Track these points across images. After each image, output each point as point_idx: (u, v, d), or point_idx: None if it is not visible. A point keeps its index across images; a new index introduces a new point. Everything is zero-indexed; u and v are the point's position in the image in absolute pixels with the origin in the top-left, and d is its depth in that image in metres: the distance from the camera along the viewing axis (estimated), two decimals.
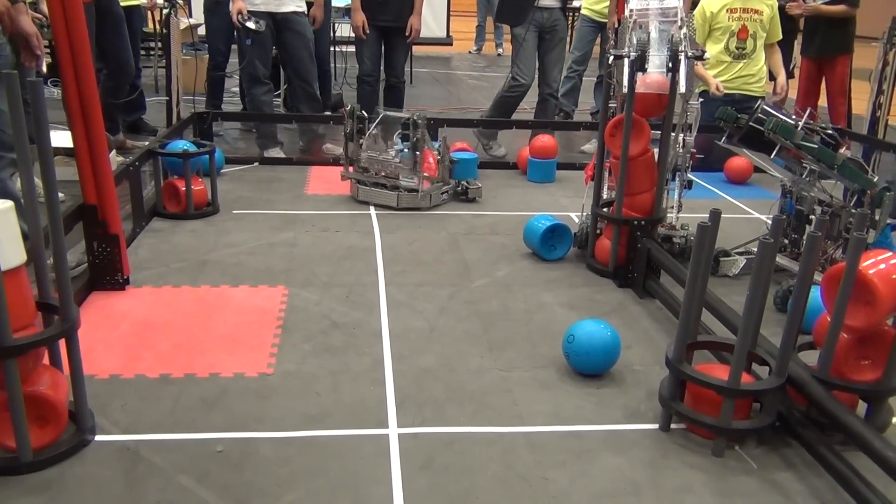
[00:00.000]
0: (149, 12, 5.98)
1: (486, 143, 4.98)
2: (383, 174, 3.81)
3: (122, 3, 4.58)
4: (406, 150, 3.71)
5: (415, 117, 3.63)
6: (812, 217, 2.92)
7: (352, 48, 5.15)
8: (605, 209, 3.09)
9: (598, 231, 3.14)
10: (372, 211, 3.72)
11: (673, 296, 2.69)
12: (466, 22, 12.38)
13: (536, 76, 4.90)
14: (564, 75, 5.79)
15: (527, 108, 5.99)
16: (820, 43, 5.32)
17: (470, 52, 11.87)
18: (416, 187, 3.70)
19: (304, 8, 4.58)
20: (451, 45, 10.93)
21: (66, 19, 2.44)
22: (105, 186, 2.64)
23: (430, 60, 10.58)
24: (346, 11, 6.30)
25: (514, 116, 5.00)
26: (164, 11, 4.20)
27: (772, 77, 4.81)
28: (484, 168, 4.52)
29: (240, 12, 4.30)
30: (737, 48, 4.65)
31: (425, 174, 3.73)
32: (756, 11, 4.57)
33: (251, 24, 4.31)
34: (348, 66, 7.23)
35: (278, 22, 4.45)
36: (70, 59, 2.49)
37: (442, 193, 3.81)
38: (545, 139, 4.52)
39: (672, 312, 2.65)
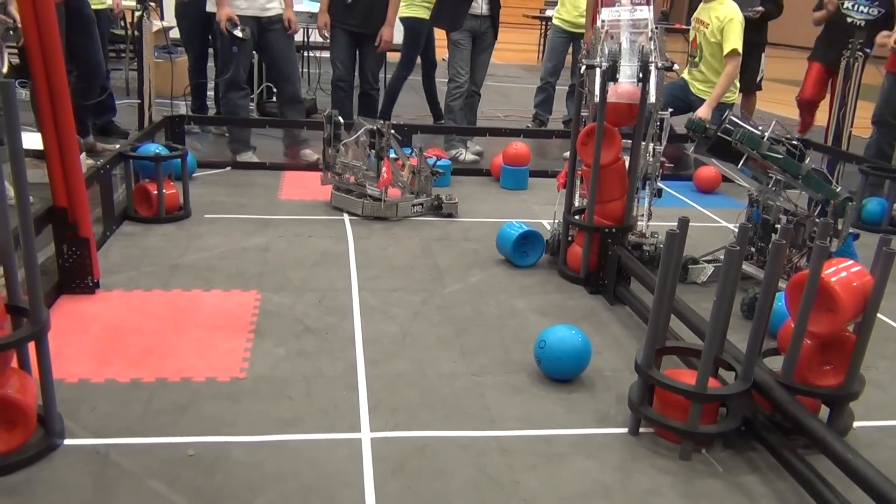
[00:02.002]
0: (120, 15, 5.92)
1: (456, 151, 5.03)
2: (353, 181, 3.82)
3: (92, 5, 4.54)
4: (373, 159, 3.72)
5: (378, 126, 3.64)
6: (777, 226, 2.98)
7: (325, 53, 5.18)
8: (576, 216, 3.12)
9: (569, 238, 3.18)
10: (345, 217, 3.73)
11: (643, 302, 2.73)
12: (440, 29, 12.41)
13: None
14: (538, 86, 5.87)
15: (500, 116, 6.06)
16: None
17: (443, 59, 11.90)
18: (381, 197, 3.70)
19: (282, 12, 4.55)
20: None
21: (37, 20, 2.42)
22: (75, 189, 2.61)
23: None
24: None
25: (489, 124, 5.07)
26: (136, 14, 4.17)
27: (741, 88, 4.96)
28: (457, 175, 4.55)
29: (229, 19, 4.26)
30: (689, 55, 4.98)
31: (399, 184, 3.74)
32: (702, 23, 4.74)
33: (238, 33, 4.28)
34: (322, 72, 7.23)
35: (262, 25, 4.43)
36: (41, 61, 2.46)
37: (413, 206, 3.79)
38: (518, 146, 4.56)
39: (642, 319, 2.70)
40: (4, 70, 3.22)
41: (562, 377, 2.26)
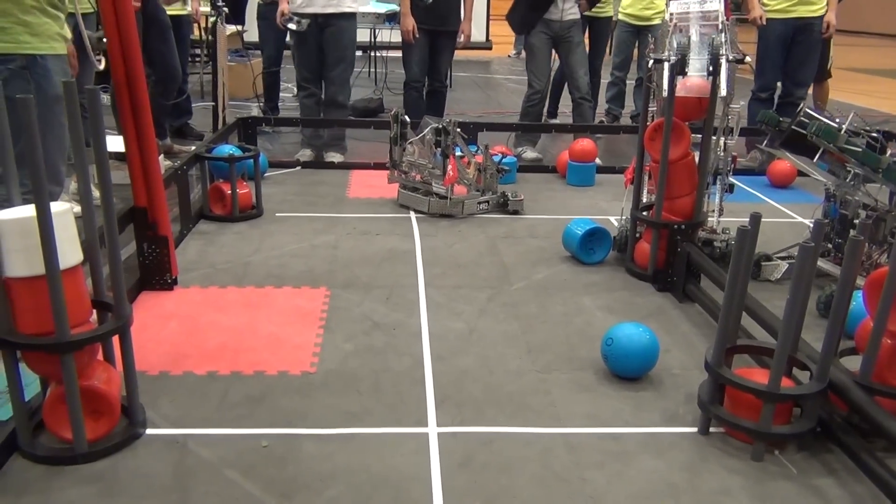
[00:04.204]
0: (199, 21, 6.14)
1: (521, 149, 5.01)
2: (419, 179, 3.85)
3: (169, 12, 4.70)
4: (439, 157, 3.75)
5: (444, 124, 3.67)
6: (856, 221, 2.88)
7: (390, 52, 5.23)
8: (644, 213, 3.08)
9: (637, 235, 3.14)
10: (412, 214, 3.77)
11: (713, 300, 2.68)
12: (505, 25, 12.40)
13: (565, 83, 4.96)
14: (609, 81, 5.81)
15: (566, 112, 6.01)
16: None
17: (509, 56, 11.89)
18: (446, 194, 3.72)
19: (349, 8, 4.52)
20: (490, 49, 10.95)
21: (118, 29, 2.53)
22: (155, 190, 2.72)
23: (469, 64, 10.63)
24: (388, 17, 6.37)
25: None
26: (211, 20, 4.30)
27: None
28: (523, 172, 4.55)
29: (282, 14, 4.38)
30: None
31: (465, 181, 3.76)
32: None
33: (292, 25, 4.38)
34: (388, 71, 7.32)
35: (320, 23, 4.50)
36: (122, 67, 2.57)
37: (479, 203, 3.81)
38: (584, 143, 4.52)
39: (712, 317, 2.65)
40: (101, 67, 3.34)
41: (629, 375, 2.24)
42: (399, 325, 2.56)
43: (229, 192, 3.56)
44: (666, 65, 2.85)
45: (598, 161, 4.59)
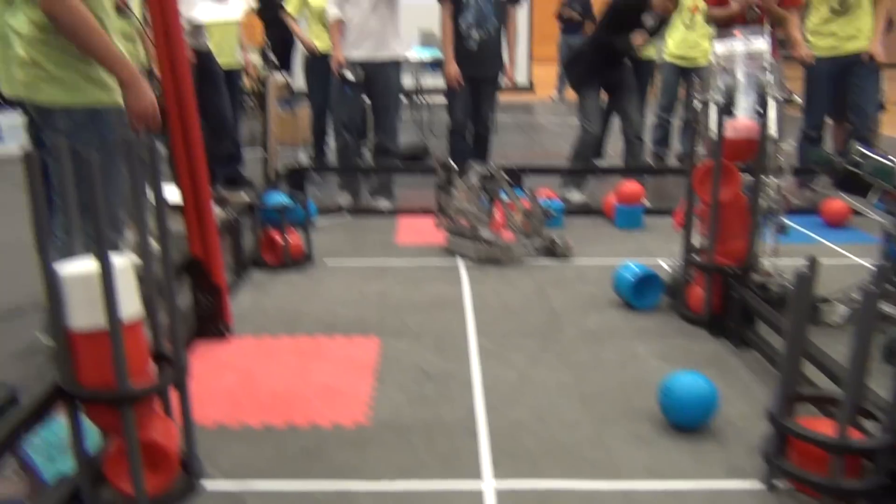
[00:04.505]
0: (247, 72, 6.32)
1: (566, 190, 5.00)
2: (467, 225, 3.87)
3: (222, 65, 4.85)
4: (485, 202, 3.76)
5: (490, 170, 3.69)
6: None
7: (434, 98, 5.31)
8: (696, 256, 3.04)
9: (689, 279, 3.09)
10: (460, 260, 3.78)
11: (771, 346, 2.61)
12: (547, 68, 12.49)
13: (619, 122, 4.93)
14: (654, 122, 5.80)
15: (611, 154, 6.00)
16: None
17: (551, 99, 11.96)
18: (494, 240, 3.73)
19: (400, 56, 4.65)
20: (532, 92, 11.06)
21: (175, 82, 2.62)
22: (210, 240, 2.78)
23: (512, 108, 10.70)
24: (432, 63, 6.48)
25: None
26: (262, 73, 4.43)
27: None
28: (570, 216, 4.53)
29: (339, 63, 4.49)
30: (838, 4, 4.62)
31: (512, 227, 3.77)
32: None
33: (348, 75, 4.49)
34: (432, 116, 7.43)
35: (369, 71, 4.60)
36: (178, 119, 2.66)
37: (527, 248, 3.80)
38: (631, 185, 4.50)
39: (771, 363, 2.58)
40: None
41: (688, 426, 2.19)
42: (450, 375, 2.55)
43: (280, 240, 3.61)
44: (713, 106, 2.83)
45: (645, 203, 4.56)
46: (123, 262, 1.78)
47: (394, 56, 4.60)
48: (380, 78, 4.60)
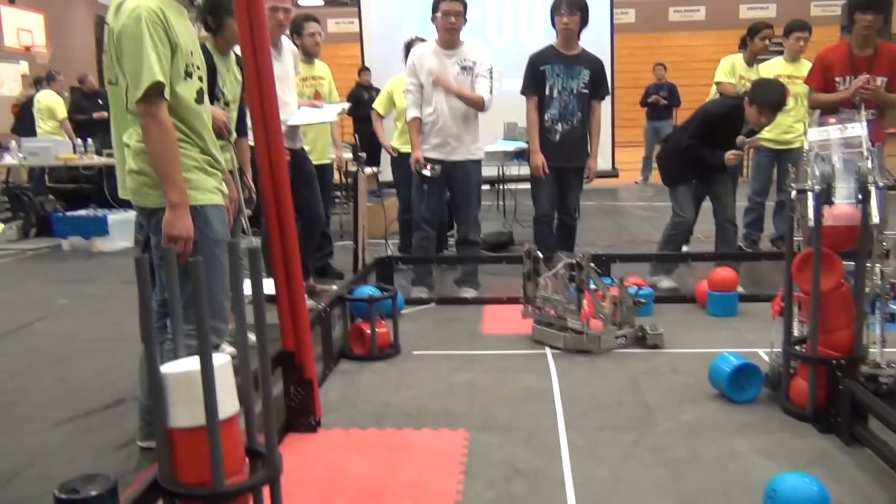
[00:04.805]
0: (342, 168, 6.61)
1: (656, 277, 4.91)
2: (554, 314, 3.83)
3: (314, 162, 5.07)
4: (573, 291, 3.73)
5: (577, 259, 3.67)
6: None
7: (518, 185, 5.39)
8: (798, 347, 2.90)
9: (791, 370, 2.94)
10: (548, 351, 3.73)
11: (886, 444, 2.44)
12: (631, 152, 12.51)
13: (712, 206, 4.86)
14: (747, 206, 5.69)
15: (700, 238, 5.89)
16: None
17: (636, 183, 11.92)
18: (582, 329, 3.67)
19: (478, 156, 4.82)
20: (616, 176, 11.04)
21: (273, 182, 2.75)
22: (302, 333, 2.85)
23: (596, 193, 10.70)
24: (516, 154, 6.59)
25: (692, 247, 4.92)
26: (352, 168, 4.61)
27: None
28: (661, 303, 4.43)
29: (417, 160, 4.64)
30: None
31: (601, 315, 3.71)
32: None
33: (426, 172, 4.62)
34: (517, 203, 7.51)
35: (447, 167, 4.71)
36: (276, 216, 2.78)
37: (617, 338, 3.73)
38: (724, 271, 4.38)
39: (886, 463, 2.40)
40: (255, 242, 3.67)
41: None
42: (540, 472, 2.48)
43: (369, 331, 3.66)
44: (810, 195, 2.76)
45: (739, 289, 4.42)
46: (223, 360, 1.84)
47: (471, 157, 4.74)
48: (459, 174, 4.71)
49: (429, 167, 4.62)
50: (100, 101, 9.87)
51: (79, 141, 8.27)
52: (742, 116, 4.52)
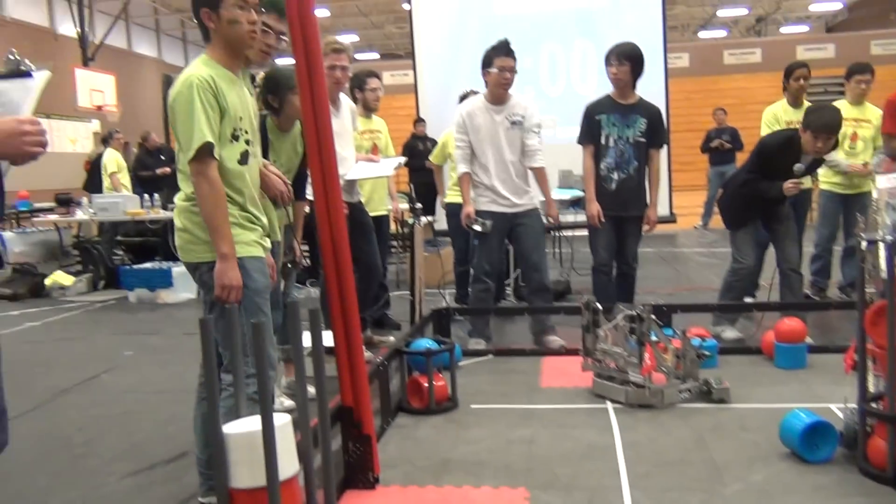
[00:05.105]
0: (399, 219, 6.68)
1: (719, 328, 4.78)
2: (614, 367, 3.75)
3: (371, 213, 5.13)
4: (634, 343, 3.65)
5: (637, 311, 3.60)
6: None
7: (574, 232, 5.36)
8: (874, 404, 2.77)
9: (868, 429, 2.81)
10: (609, 405, 3.64)
11: None
12: (689, 196, 12.36)
13: (776, 254, 4.74)
14: (813, 253, 5.53)
15: (765, 286, 5.72)
16: None
17: (695, 228, 11.72)
18: (644, 383, 3.58)
19: (535, 205, 4.83)
20: (674, 221, 10.89)
21: (332, 236, 2.79)
22: (360, 388, 2.85)
23: (654, 239, 10.54)
24: (572, 202, 6.56)
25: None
26: (409, 220, 4.65)
27: None
28: (725, 354, 4.30)
29: (468, 216, 4.66)
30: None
31: (663, 369, 3.62)
32: None
33: (477, 227, 4.63)
34: (573, 251, 7.44)
35: (509, 218, 4.73)
36: (334, 270, 2.81)
37: (680, 392, 3.62)
38: (792, 321, 4.24)
39: None
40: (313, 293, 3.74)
41: None
42: None
43: (426, 384, 3.64)
44: (882, 245, 2.66)
45: (808, 340, 4.26)
46: (284, 420, 1.85)
47: (531, 205, 4.76)
48: (522, 223, 4.72)
49: (480, 223, 4.63)
50: (162, 157, 10.27)
51: (129, 192, 8.64)
52: (798, 146, 4.46)
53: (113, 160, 9.89)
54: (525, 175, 4.79)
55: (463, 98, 6.09)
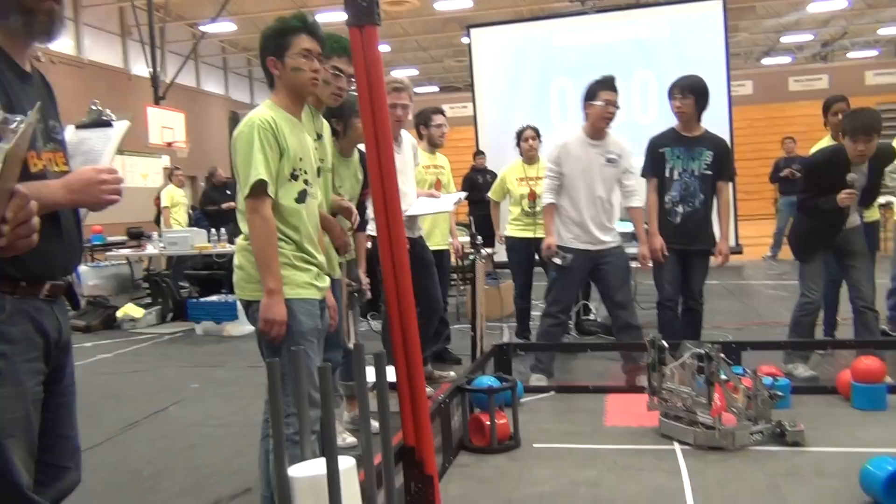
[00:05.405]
0: (459, 255, 6.69)
1: (792, 366, 4.61)
2: (682, 407, 3.64)
3: (432, 248, 5.15)
4: (702, 383, 3.54)
5: (706, 350, 3.50)
6: None
7: (636, 264, 5.27)
8: None
9: None
10: (676, 446, 3.53)
11: None
12: (755, 226, 12.05)
13: (848, 290, 4.56)
14: (890, 287, 5.31)
15: (840, 321, 5.51)
16: None
17: (764, 259, 11.41)
18: (714, 424, 3.46)
19: (619, 242, 4.78)
20: (741, 252, 10.61)
21: (394, 272, 2.80)
22: (422, 427, 2.82)
23: (720, 271, 10.24)
24: (635, 235, 6.47)
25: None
26: (470, 256, 4.65)
27: None
28: (798, 394, 4.14)
29: (549, 247, 4.61)
30: None
31: (734, 409, 3.50)
32: None
33: (557, 260, 4.58)
34: (637, 285, 7.30)
35: (593, 256, 4.66)
36: (396, 306, 2.81)
37: (752, 434, 3.49)
38: (870, 360, 4.05)
39: None
40: (352, 341, 3.79)
41: None
42: None
43: (488, 423, 3.60)
44: None
45: (888, 380, 4.07)
46: (349, 464, 1.85)
47: (616, 242, 4.70)
48: (609, 260, 4.65)
49: (561, 256, 4.58)
50: (228, 192, 10.56)
51: (182, 227, 8.89)
52: (845, 157, 4.39)
53: (168, 195, 10.23)
54: (612, 213, 4.75)
55: (519, 134, 6.10)
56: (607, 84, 4.61)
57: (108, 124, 1.89)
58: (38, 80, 1.95)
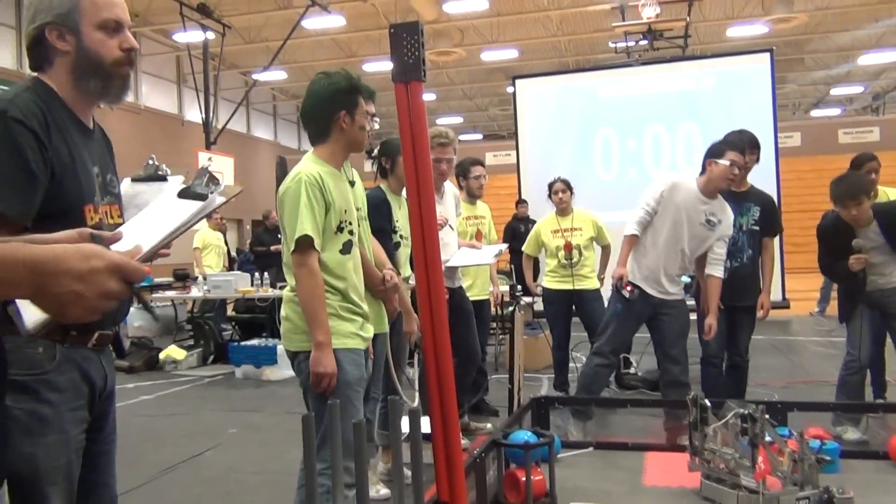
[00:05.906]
0: (498, 303, 6.68)
1: (840, 428, 4.45)
2: (724, 469, 3.53)
3: (472, 297, 5.15)
4: (745, 444, 3.43)
5: (751, 411, 3.40)
6: None
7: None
8: None
9: None
10: None
11: None
12: (803, 280, 11.77)
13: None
14: None
15: (892, 382, 5.32)
16: None
17: (811, 314, 11.13)
18: (758, 489, 3.35)
19: (683, 296, 4.67)
20: (788, 307, 10.37)
21: (432, 323, 2.79)
22: (456, 483, 2.77)
23: (766, 326, 10.01)
24: (684, 288, 6.39)
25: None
26: (510, 308, 4.63)
27: None
28: (847, 458, 3.99)
29: (621, 277, 4.52)
30: None
31: (779, 473, 3.38)
32: None
33: (625, 292, 4.47)
34: None
35: (655, 304, 4.56)
36: (434, 358, 2.79)
37: (798, 500, 3.36)
38: None
39: None
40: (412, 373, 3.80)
41: None
42: None
43: (524, 479, 3.54)
44: None
45: None
46: None
47: (675, 297, 4.59)
48: (672, 312, 4.56)
49: (629, 288, 4.50)
50: (279, 236, 10.72)
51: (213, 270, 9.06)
52: (845, 225, 4.37)
53: (200, 237, 10.45)
54: (686, 269, 4.65)
55: (550, 186, 6.06)
56: (738, 146, 4.46)
57: (163, 179, 1.94)
58: (99, 135, 2.03)
